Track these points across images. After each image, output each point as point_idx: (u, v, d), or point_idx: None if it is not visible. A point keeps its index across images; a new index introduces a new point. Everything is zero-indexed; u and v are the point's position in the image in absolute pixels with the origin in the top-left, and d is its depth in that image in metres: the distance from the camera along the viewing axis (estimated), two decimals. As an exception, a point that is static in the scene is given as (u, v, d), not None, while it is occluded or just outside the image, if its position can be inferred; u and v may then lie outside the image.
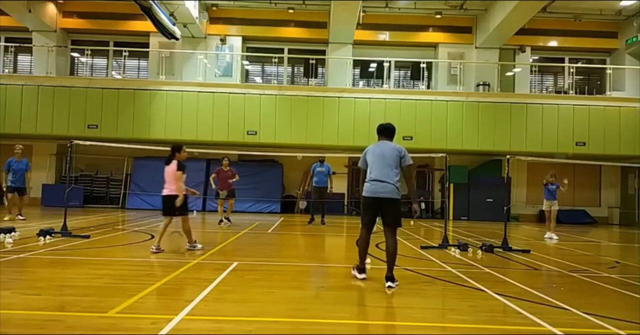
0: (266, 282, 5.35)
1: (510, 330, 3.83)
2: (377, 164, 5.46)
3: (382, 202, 5.42)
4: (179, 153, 7.57)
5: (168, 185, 7.35)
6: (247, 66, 19.83)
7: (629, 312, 4.45)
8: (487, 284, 5.54)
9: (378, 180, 5.41)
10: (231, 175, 12.15)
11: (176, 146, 7.67)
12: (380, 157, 5.47)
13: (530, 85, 19.35)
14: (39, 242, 7.77)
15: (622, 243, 11.62)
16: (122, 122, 16.34)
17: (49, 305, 4.05)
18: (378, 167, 5.45)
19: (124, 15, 18.39)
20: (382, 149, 5.54)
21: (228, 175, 12.12)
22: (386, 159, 5.45)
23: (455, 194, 17.54)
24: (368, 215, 5.58)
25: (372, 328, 3.87)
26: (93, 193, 18.24)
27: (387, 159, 5.45)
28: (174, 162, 7.41)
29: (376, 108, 16.45)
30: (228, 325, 3.69)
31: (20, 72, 19.11)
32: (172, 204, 7.22)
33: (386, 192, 5.39)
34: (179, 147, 7.63)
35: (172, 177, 7.31)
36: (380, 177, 5.41)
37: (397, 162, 5.48)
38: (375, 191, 5.42)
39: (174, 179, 7.27)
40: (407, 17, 18.77)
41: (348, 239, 10.28)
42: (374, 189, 5.43)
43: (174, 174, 7.28)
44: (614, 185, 19.03)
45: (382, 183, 5.40)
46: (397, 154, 5.50)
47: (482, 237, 11.02)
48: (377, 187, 5.41)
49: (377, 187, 5.41)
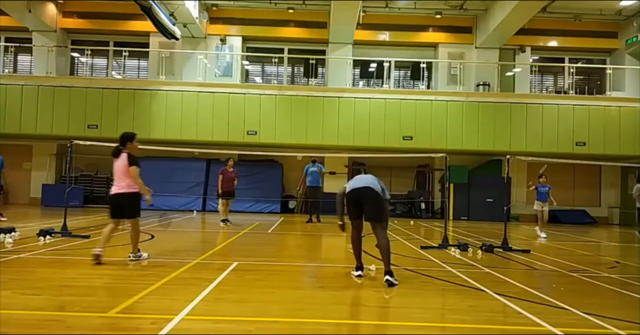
0: (266, 282, 5.35)
1: (510, 330, 3.83)
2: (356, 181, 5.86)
3: (363, 196, 5.63)
4: (130, 142, 6.50)
5: (118, 181, 6.34)
6: (247, 66, 19.83)
7: (629, 312, 4.45)
8: (487, 284, 5.54)
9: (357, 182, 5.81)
10: (234, 177, 12.25)
11: (127, 134, 6.58)
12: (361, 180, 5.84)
13: (530, 85, 19.35)
14: (39, 242, 7.78)
15: (622, 243, 11.62)
16: (122, 122, 16.32)
17: (49, 305, 4.05)
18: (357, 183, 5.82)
19: (124, 15, 18.39)
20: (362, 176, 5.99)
21: (232, 176, 12.22)
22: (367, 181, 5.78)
23: (455, 194, 17.54)
24: (353, 212, 5.75)
25: (372, 328, 3.87)
26: (93, 193, 18.24)
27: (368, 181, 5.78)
28: (124, 155, 6.33)
29: (376, 108, 16.45)
30: (228, 325, 3.69)
31: (20, 72, 19.11)
32: (123, 204, 6.27)
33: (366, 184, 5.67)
34: (131, 136, 6.56)
35: (122, 172, 6.28)
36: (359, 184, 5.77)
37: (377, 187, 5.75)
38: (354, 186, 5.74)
39: (125, 175, 6.25)
40: (407, 17, 18.77)
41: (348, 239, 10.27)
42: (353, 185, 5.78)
43: (125, 169, 6.25)
44: (614, 185, 19.03)
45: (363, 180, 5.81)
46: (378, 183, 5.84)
47: (482, 237, 11.02)
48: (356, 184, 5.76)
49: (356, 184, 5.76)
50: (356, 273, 5.81)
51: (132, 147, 6.49)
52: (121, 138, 6.49)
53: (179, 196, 17.05)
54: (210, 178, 17.26)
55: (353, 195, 5.73)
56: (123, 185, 6.27)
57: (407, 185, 19.21)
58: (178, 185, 17.23)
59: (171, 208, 16.91)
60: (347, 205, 5.80)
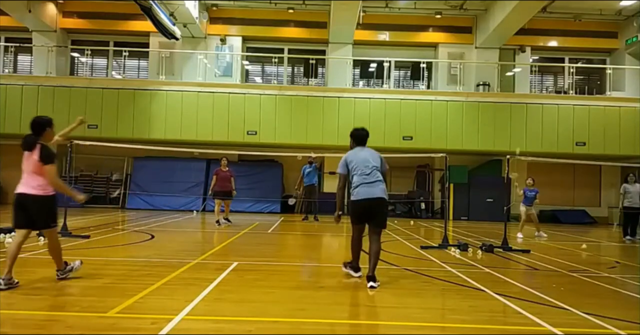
0: (266, 282, 5.35)
1: (510, 330, 3.83)
2: (363, 169, 5.50)
3: (374, 203, 5.44)
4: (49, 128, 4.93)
5: (28, 180, 4.83)
6: (247, 66, 19.83)
7: (629, 312, 4.44)
8: (487, 284, 5.54)
9: (369, 183, 5.45)
10: (229, 176, 12.08)
11: (43, 119, 4.92)
12: (364, 161, 5.54)
13: (530, 85, 19.35)
14: (39, 242, 7.77)
15: (622, 243, 11.62)
16: (122, 122, 16.34)
17: (49, 305, 4.05)
18: (363, 171, 5.49)
19: (124, 15, 18.39)
20: (365, 154, 5.62)
21: (227, 175, 12.05)
22: (369, 163, 5.53)
23: (455, 194, 17.54)
24: (360, 220, 5.57)
25: (372, 328, 3.87)
26: (93, 193, 18.23)
27: (370, 163, 5.53)
28: (37, 148, 4.75)
29: (376, 108, 16.46)
30: (228, 325, 3.69)
31: (20, 72, 19.11)
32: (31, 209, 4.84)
33: (377, 193, 5.43)
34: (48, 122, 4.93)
35: (34, 169, 4.78)
36: (369, 181, 5.46)
37: (379, 166, 5.59)
38: (371, 193, 5.42)
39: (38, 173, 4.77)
40: (407, 17, 18.77)
41: (347, 239, 10.27)
42: (370, 192, 5.42)
43: (37, 166, 4.74)
44: (614, 185, 19.01)
45: (374, 186, 5.45)
46: (379, 158, 5.66)
47: (482, 237, 11.02)
48: (369, 190, 5.42)
49: (370, 189, 5.43)
50: (356, 274, 5.71)
51: (48, 136, 4.94)
52: (35, 125, 4.85)
53: (178, 196, 17.06)
54: (210, 178, 17.25)
55: (365, 205, 5.44)
56: (34, 184, 4.79)
57: (407, 185, 19.21)
58: (178, 185, 17.24)
59: (171, 208, 16.92)
60: (356, 212, 5.51)
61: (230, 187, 12.07)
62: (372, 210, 5.46)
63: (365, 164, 5.51)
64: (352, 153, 5.67)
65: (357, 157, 5.59)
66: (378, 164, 5.59)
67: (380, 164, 5.63)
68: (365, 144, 5.80)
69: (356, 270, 5.74)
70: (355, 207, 5.51)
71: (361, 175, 5.47)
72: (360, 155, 5.59)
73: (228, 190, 12.06)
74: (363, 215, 5.51)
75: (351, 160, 5.58)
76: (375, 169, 5.53)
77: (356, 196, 5.47)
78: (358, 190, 5.46)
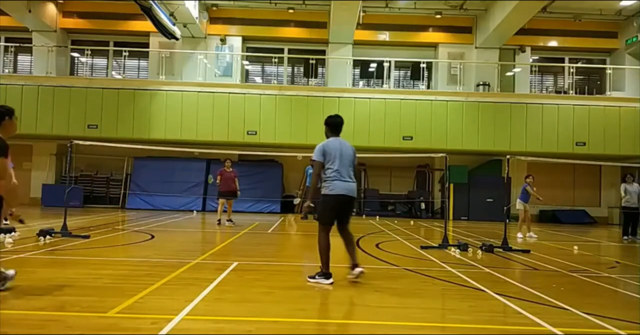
0: (266, 282, 5.34)
1: (510, 330, 3.83)
2: (341, 161, 5.32)
3: (350, 200, 5.38)
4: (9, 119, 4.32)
5: None
6: (247, 66, 19.84)
7: (629, 312, 4.44)
8: (487, 284, 5.54)
9: (345, 179, 5.31)
10: (233, 177, 12.17)
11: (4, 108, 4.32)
12: (341, 156, 5.34)
13: (530, 85, 19.36)
14: (39, 242, 7.77)
15: (622, 243, 11.61)
16: (122, 122, 16.34)
17: (49, 305, 4.04)
18: (340, 165, 5.31)
19: (124, 15, 18.40)
20: (342, 147, 5.40)
21: (230, 176, 12.14)
22: (345, 159, 5.36)
23: (455, 194, 17.54)
24: (334, 215, 5.34)
25: (372, 328, 3.87)
26: (93, 193, 18.25)
27: (345, 159, 5.36)
28: None
29: (376, 108, 16.46)
30: (228, 325, 3.69)
31: (20, 72, 19.12)
32: None
33: (351, 190, 5.35)
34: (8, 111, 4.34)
35: None
36: (345, 175, 5.32)
37: (352, 163, 5.46)
38: (349, 190, 5.31)
39: None
40: (407, 17, 18.77)
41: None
42: (348, 187, 5.30)
43: None
44: (614, 185, 19.01)
45: (349, 181, 5.34)
46: (353, 154, 5.49)
47: (482, 237, 11.02)
48: (346, 186, 5.30)
49: (346, 185, 5.30)
50: (327, 281, 5.22)
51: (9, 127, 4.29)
52: None
53: (179, 196, 17.06)
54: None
55: (343, 201, 5.29)
56: None
57: (407, 185, 19.22)
58: (178, 185, 17.25)
59: (171, 208, 16.92)
60: (331, 207, 5.30)
61: (234, 187, 12.15)
62: (347, 207, 5.37)
63: (343, 158, 5.34)
64: (330, 143, 5.43)
65: (334, 148, 5.35)
66: (353, 159, 5.46)
67: (354, 159, 5.50)
68: (339, 133, 5.61)
69: (327, 277, 5.25)
70: (331, 202, 5.28)
71: (338, 169, 5.28)
72: (338, 147, 5.37)
73: (232, 190, 12.15)
74: (338, 211, 5.33)
75: (329, 151, 5.33)
76: (351, 164, 5.41)
77: (333, 190, 5.26)
78: (335, 183, 5.26)
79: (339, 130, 5.60)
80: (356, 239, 9.90)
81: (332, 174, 5.28)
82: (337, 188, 5.25)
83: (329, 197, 5.28)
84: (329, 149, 5.35)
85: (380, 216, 17.10)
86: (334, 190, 5.25)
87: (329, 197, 5.27)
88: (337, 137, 5.54)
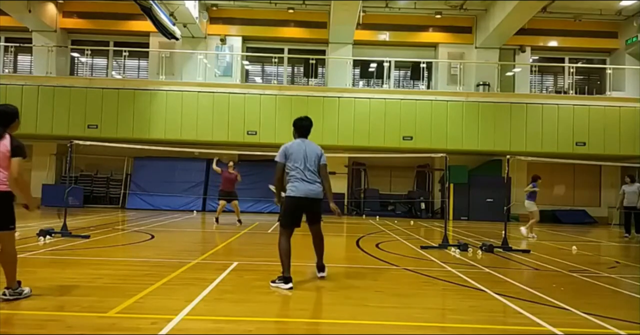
0: (266, 282, 5.33)
1: (510, 330, 3.83)
2: (302, 163, 5.27)
3: (313, 203, 5.27)
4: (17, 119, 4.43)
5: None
6: (247, 66, 19.83)
7: (629, 312, 4.45)
8: (487, 284, 5.54)
9: (307, 181, 5.24)
10: (234, 178, 12.22)
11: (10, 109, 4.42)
12: (304, 158, 5.29)
13: (530, 85, 19.36)
14: (39, 242, 7.77)
15: (622, 243, 11.62)
16: (122, 122, 16.34)
17: (49, 305, 4.04)
18: (303, 166, 5.26)
19: (124, 15, 18.40)
20: (305, 149, 5.34)
21: (231, 177, 12.20)
22: (309, 161, 5.30)
23: (455, 194, 17.54)
24: (295, 217, 5.28)
25: (372, 328, 3.87)
26: (93, 193, 18.25)
27: (310, 160, 5.31)
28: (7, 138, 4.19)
29: (376, 108, 16.46)
30: (228, 325, 3.69)
31: (20, 72, 19.12)
32: None
33: (317, 194, 5.28)
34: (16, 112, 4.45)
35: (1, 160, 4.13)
36: (307, 177, 5.25)
37: (317, 164, 5.36)
38: (307, 191, 5.21)
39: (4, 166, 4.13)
40: (407, 17, 18.77)
41: (348, 239, 10.30)
42: (305, 189, 5.21)
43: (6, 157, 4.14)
44: (614, 185, 19.03)
45: (312, 184, 5.26)
46: (317, 156, 5.39)
47: (482, 237, 11.02)
48: (308, 188, 5.22)
49: (309, 187, 5.22)
50: (286, 286, 4.97)
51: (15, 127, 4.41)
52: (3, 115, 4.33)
53: (179, 196, 17.07)
54: (210, 178, 17.29)
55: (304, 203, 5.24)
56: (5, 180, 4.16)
57: (407, 185, 19.22)
58: (178, 185, 17.25)
59: (171, 208, 16.93)
60: (291, 209, 5.25)
61: (234, 188, 12.26)
62: (308, 209, 5.31)
63: (306, 159, 5.28)
64: (293, 144, 5.38)
65: (298, 149, 5.31)
66: (314, 162, 5.34)
67: (320, 158, 5.40)
68: (307, 136, 5.56)
69: (287, 281, 5.02)
70: (292, 204, 5.25)
71: (301, 171, 5.23)
72: (302, 149, 5.32)
73: (232, 191, 12.24)
74: (297, 214, 5.27)
75: (291, 152, 5.29)
76: (316, 165, 5.33)
77: (294, 192, 5.21)
78: (296, 185, 5.22)
79: (306, 132, 5.56)
80: (356, 239, 9.92)
81: (294, 175, 5.24)
82: (298, 190, 5.20)
83: (289, 199, 5.25)
84: (291, 151, 5.31)
85: (380, 216, 17.11)
86: (294, 192, 5.21)
87: (290, 199, 5.24)
88: (302, 139, 5.49)
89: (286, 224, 5.28)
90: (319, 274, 5.55)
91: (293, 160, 5.27)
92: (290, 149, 5.33)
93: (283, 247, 5.18)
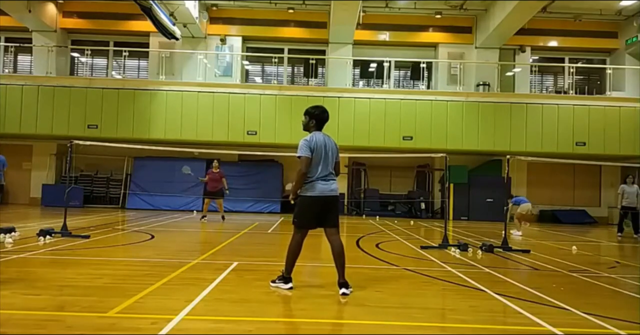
0: (266, 282, 5.33)
1: (510, 330, 3.83)
2: (323, 159, 4.89)
3: (331, 202, 4.93)
4: None
5: None
6: (247, 66, 19.83)
7: (629, 312, 4.44)
8: (487, 284, 5.54)
9: (325, 178, 4.90)
10: (219, 178, 12.76)
11: None
12: (325, 154, 4.91)
13: (530, 85, 19.36)
14: (39, 242, 7.77)
15: (622, 243, 11.62)
16: (122, 122, 16.34)
17: (49, 305, 4.04)
18: (323, 163, 4.89)
19: (124, 15, 18.41)
20: (327, 144, 4.95)
21: (216, 177, 12.75)
22: (329, 157, 4.94)
23: (455, 194, 17.54)
24: (311, 218, 4.93)
25: (372, 328, 3.87)
26: (93, 193, 18.24)
27: (330, 157, 4.95)
28: None
29: (376, 108, 16.46)
30: (228, 325, 3.69)
31: (20, 72, 19.12)
32: None
33: (333, 190, 4.94)
34: None
35: None
36: (327, 175, 4.92)
37: (334, 161, 5.02)
38: (326, 190, 4.89)
39: None
40: (407, 17, 18.77)
41: (348, 239, 10.28)
42: (324, 188, 4.88)
43: None
44: (614, 185, 19.01)
45: (330, 181, 4.93)
46: (336, 152, 5.05)
47: (482, 237, 11.02)
48: (328, 187, 4.90)
49: (329, 186, 4.91)
50: (286, 286, 4.94)
51: None
52: None
53: (179, 196, 17.07)
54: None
55: (322, 203, 4.86)
56: None
57: (407, 185, 19.22)
58: (178, 185, 17.25)
59: (171, 208, 16.93)
60: (310, 210, 4.89)
61: (220, 187, 12.85)
62: (326, 209, 4.90)
63: (327, 155, 4.92)
64: (317, 138, 4.91)
65: (322, 144, 4.90)
66: (332, 159, 4.98)
67: (337, 155, 5.06)
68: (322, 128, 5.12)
69: (287, 281, 4.95)
70: (310, 204, 4.88)
71: (320, 168, 4.87)
72: (326, 144, 4.93)
73: (217, 191, 12.87)
74: (314, 214, 4.90)
75: (315, 147, 4.86)
76: (330, 165, 4.96)
77: (312, 191, 4.86)
78: (315, 184, 4.85)
79: (324, 125, 5.12)
80: (356, 239, 9.91)
81: (313, 174, 4.87)
82: (316, 189, 4.86)
83: (306, 198, 4.89)
84: (317, 143, 4.88)
85: (380, 216, 17.10)
86: (313, 191, 4.86)
87: (307, 198, 4.88)
88: (322, 133, 5.04)
89: (302, 225, 4.99)
90: (340, 291, 4.77)
91: (315, 155, 4.85)
92: (315, 143, 4.86)
93: (293, 248, 5.00)
